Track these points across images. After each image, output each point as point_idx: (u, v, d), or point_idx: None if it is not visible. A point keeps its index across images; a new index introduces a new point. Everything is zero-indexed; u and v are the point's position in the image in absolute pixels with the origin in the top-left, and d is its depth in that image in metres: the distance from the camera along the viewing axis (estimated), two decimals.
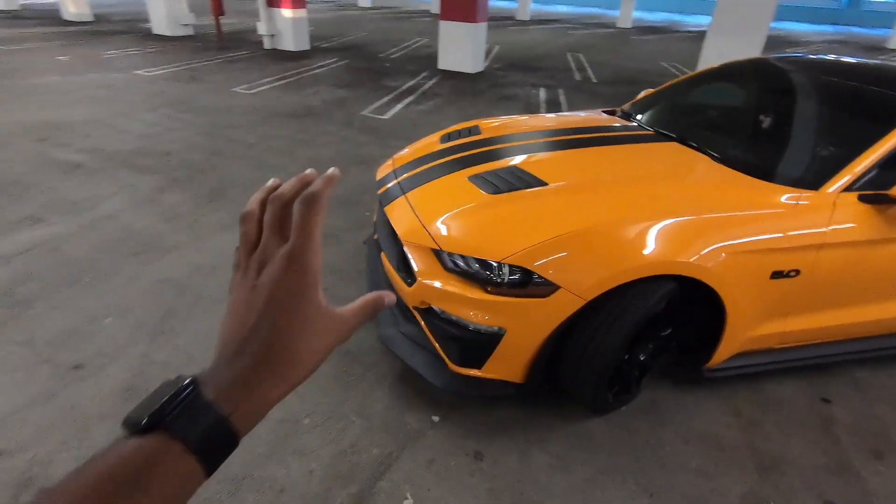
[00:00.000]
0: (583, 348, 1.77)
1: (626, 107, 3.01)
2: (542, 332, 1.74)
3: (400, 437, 1.87)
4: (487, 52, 11.86)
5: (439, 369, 1.91)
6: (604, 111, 2.99)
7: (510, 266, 1.70)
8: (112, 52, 9.47)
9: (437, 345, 1.90)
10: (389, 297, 0.46)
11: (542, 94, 8.07)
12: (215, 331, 0.35)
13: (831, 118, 2.24)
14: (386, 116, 6.26)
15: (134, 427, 0.33)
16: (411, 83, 8.29)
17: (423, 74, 9.01)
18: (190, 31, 12.29)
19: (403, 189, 2.16)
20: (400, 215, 2.02)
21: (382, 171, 2.48)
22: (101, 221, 3.31)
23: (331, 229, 3.32)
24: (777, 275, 1.84)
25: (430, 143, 2.62)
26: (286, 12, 10.56)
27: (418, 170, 2.28)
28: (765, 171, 2.02)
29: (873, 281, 2.02)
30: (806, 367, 2.29)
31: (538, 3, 32.04)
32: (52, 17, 13.69)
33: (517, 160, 2.18)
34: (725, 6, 7.68)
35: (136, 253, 2.96)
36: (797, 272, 1.86)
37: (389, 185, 2.27)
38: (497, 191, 1.95)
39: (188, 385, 0.34)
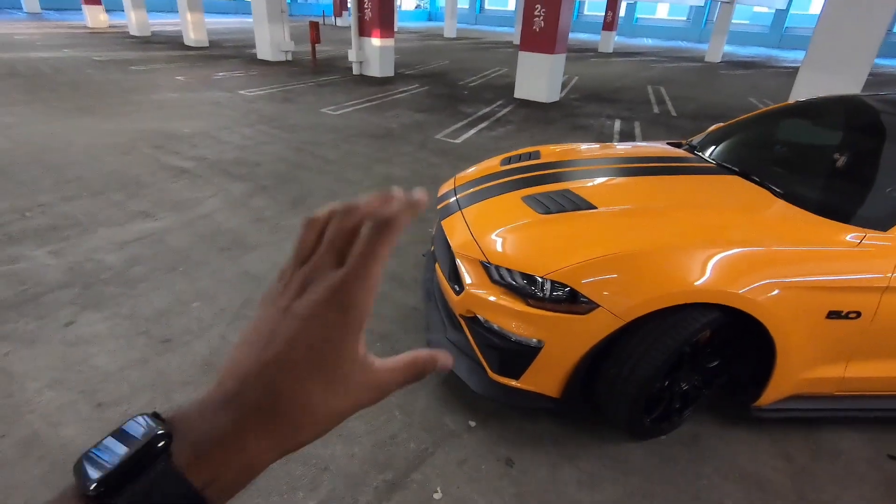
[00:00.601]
0: (619, 369, 1.80)
1: (693, 139, 3.00)
2: (580, 349, 1.80)
3: (437, 435, 1.99)
4: (565, 83, 11.97)
5: (480, 376, 2.01)
6: (669, 143, 3.01)
7: (552, 282, 1.79)
8: (221, 73, 10.58)
9: (479, 352, 2.01)
10: (445, 358, 0.38)
11: (617, 125, 8.03)
12: None
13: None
14: (458, 140, 6.52)
15: (82, 488, 0.25)
16: (486, 110, 8.55)
17: (499, 102, 9.26)
18: (289, 57, 13.44)
19: (461, 205, 2.32)
20: (455, 229, 2.17)
21: (444, 189, 2.65)
22: (198, 219, 3.75)
23: (398, 242, 3.53)
24: (834, 315, 1.79)
25: (491, 164, 2.77)
26: (375, 41, 11.31)
27: (476, 189, 2.43)
28: (829, 208, 1.97)
29: None
30: (870, 420, 2.16)
31: (623, 37, 31.79)
32: (175, 43, 15.51)
33: (571, 184, 2.27)
34: (822, 39, 7.30)
35: (224, 248, 3.33)
36: (858, 314, 1.79)
37: (448, 201, 2.43)
38: (547, 211, 2.05)
39: (159, 445, 0.26)
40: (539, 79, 9.54)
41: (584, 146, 2.95)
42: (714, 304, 1.74)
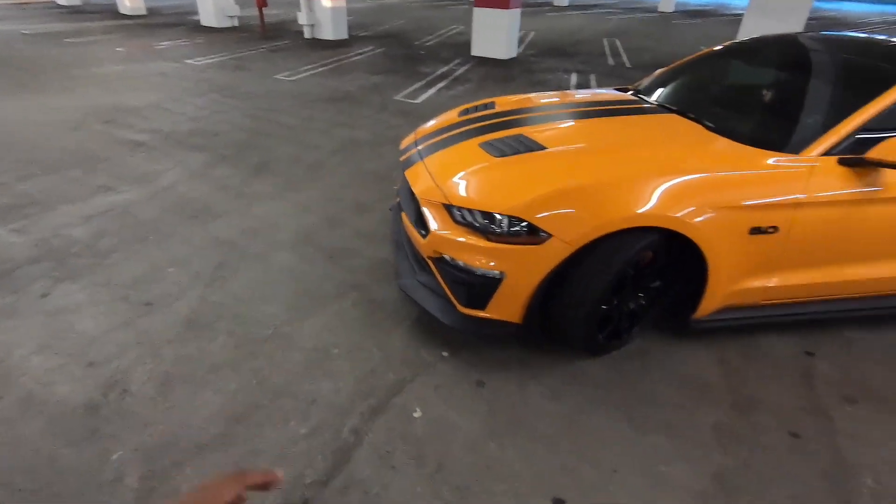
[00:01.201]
0: (571, 292, 2.01)
1: (638, 84, 3.18)
2: (537, 276, 1.99)
3: (413, 366, 2.17)
4: (522, 39, 11.95)
5: (450, 311, 2.19)
6: (616, 88, 3.17)
7: (509, 217, 1.95)
8: (165, 43, 10.12)
9: (447, 289, 2.18)
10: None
11: (574, 78, 8.16)
12: (259, 280, 0.48)
13: (819, 89, 2.37)
14: (418, 101, 6.54)
15: None
16: (444, 69, 8.53)
17: (457, 61, 9.22)
18: (235, 23, 12.89)
19: (422, 155, 2.44)
20: (417, 177, 2.30)
21: (406, 142, 2.76)
22: (162, 191, 3.74)
23: (364, 200, 3.64)
24: (756, 231, 2.02)
25: (450, 117, 2.89)
26: (325, 2, 10.95)
27: (436, 139, 2.55)
28: (753, 138, 2.18)
29: (856, 241, 2.16)
30: (800, 324, 2.46)
31: None
32: (110, 12, 14.61)
33: (524, 129, 2.42)
34: None
35: (191, 217, 3.37)
36: (775, 229, 2.03)
37: (410, 153, 2.55)
38: (503, 154, 2.20)
39: None
40: (496, 35, 9.51)
41: (536, 95, 3.09)
42: (652, 227, 1.94)
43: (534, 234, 1.94)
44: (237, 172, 4.13)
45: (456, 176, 2.17)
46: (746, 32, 7.87)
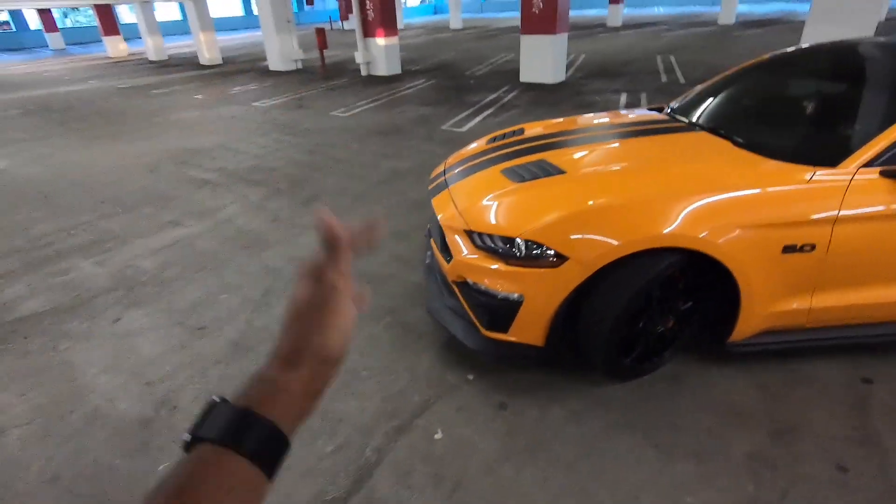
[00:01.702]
0: (591, 315, 2.00)
1: (672, 102, 3.14)
2: (556, 299, 2.00)
3: (438, 388, 2.22)
4: (572, 62, 11.98)
5: (473, 334, 2.23)
6: (650, 108, 3.15)
7: (526, 241, 1.99)
8: (236, 88, 11.03)
9: (471, 313, 2.23)
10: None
11: (623, 98, 8.07)
12: None
13: (859, 99, 2.24)
14: (463, 129, 6.72)
15: (183, 445, 0.39)
16: (491, 97, 8.71)
17: (504, 88, 9.39)
18: (300, 66, 13.85)
19: (448, 183, 2.54)
20: (442, 205, 2.39)
21: (436, 171, 2.88)
22: (222, 224, 4.08)
23: (404, 228, 3.79)
24: (790, 249, 1.93)
25: (480, 145, 2.98)
26: (380, 41, 11.56)
27: (463, 167, 2.65)
28: (785, 152, 2.10)
29: None
30: (859, 348, 2.28)
31: (633, 7, 31.13)
32: (191, 63, 16.14)
33: (546, 154, 2.46)
34: None
35: (245, 247, 3.64)
36: (812, 247, 1.93)
37: (438, 181, 2.66)
38: (522, 179, 2.25)
39: (220, 401, 0.40)
40: (543, 60, 9.61)
41: (565, 119, 3.12)
42: (674, 248, 1.91)
43: (551, 258, 1.96)
44: (289, 204, 4.42)
45: (477, 203, 2.25)
46: (808, 41, 7.47)
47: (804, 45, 2.93)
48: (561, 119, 3.17)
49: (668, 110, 3.02)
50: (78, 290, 3.16)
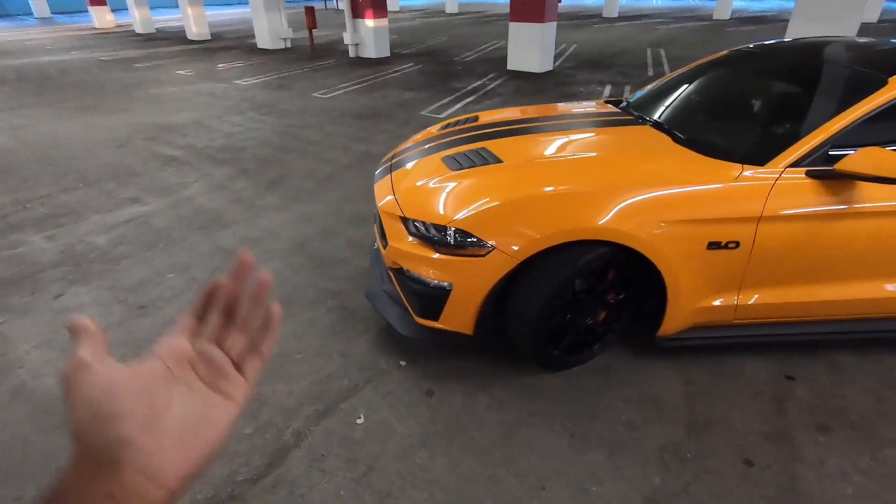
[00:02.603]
0: (517, 304, 2.01)
1: (630, 95, 3.12)
2: (483, 288, 2.00)
3: (369, 373, 2.23)
4: (563, 51, 11.89)
5: (407, 321, 2.24)
6: (607, 101, 3.13)
7: (455, 230, 1.99)
8: (221, 65, 10.85)
9: (405, 299, 2.23)
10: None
11: (607, 90, 8.03)
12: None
13: (795, 99, 2.25)
14: (442, 115, 6.66)
15: None
16: (476, 84, 8.63)
17: (491, 76, 9.31)
18: (288, 45, 13.62)
19: (392, 169, 2.52)
20: (382, 190, 2.38)
21: (387, 157, 2.85)
22: (182, 202, 4.04)
23: (364, 212, 3.77)
24: (714, 245, 1.94)
25: (431, 130, 2.96)
26: (369, 22, 11.39)
27: (409, 153, 2.63)
28: (719, 149, 2.10)
29: (831, 259, 2.02)
30: (787, 346, 2.32)
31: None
32: (178, 38, 15.83)
33: (488, 143, 2.44)
34: None
35: (202, 227, 3.61)
36: (736, 244, 1.94)
37: (384, 166, 2.64)
38: (459, 167, 2.24)
39: None
40: (530, 49, 9.53)
41: (521, 108, 3.10)
42: (600, 241, 1.92)
43: (478, 246, 1.96)
44: (253, 185, 4.38)
45: (413, 189, 2.24)
46: (793, 37, 7.46)
47: (760, 42, 2.92)
48: (517, 108, 3.15)
49: (625, 103, 3.01)
50: (24, 265, 3.12)
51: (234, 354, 0.42)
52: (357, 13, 11.50)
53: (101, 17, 19.32)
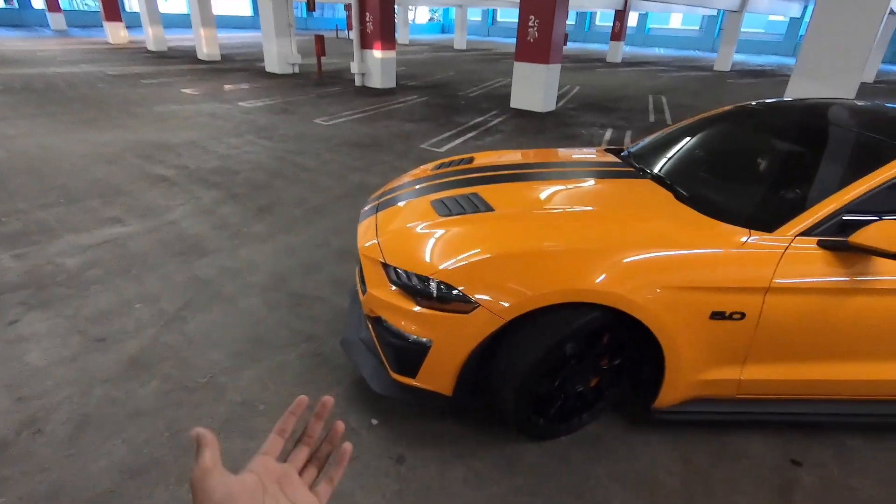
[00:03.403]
0: (500, 368, 1.84)
1: (632, 145, 3.02)
2: (465, 348, 1.83)
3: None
4: (566, 93, 12.02)
5: (382, 376, 2.06)
6: (607, 149, 3.03)
7: (438, 282, 1.83)
8: (228, 86, 10.90)
9: (381, 351, 2.06)
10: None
11: (608, 134, 8.03)
12: (218, 323, 0.46)
13: (807, 163, 2.13)
14: (442, 150, 6.60)
15: None
16: (479, 119, 8.64)
17: (493, 112, 9.35)
18: (296, 70, 13.77)
19: (378, 209, 2.38)
20: (365, 231, 2.23)
21: (375, 194, 2.72)
22: (164, 226, 3.88)
23: (351, 247, 3.62)
24: (718, 315, 1.79)
25: (425, 169, 2.84)
26: (376, 53, 11.53)
27: (398, 193, 2.49)
28: (724, 211, 1.97)
29: (843, 335, 1.87)
30: (794, 426, 2.14)
31: (634, 46, 31.70)
32: (189, 57, 16.02)
33: (481, 188, 2.31)
34: (811, 47, 7.19)
35: (180, 253, 3.45)
36: (742, 315, 1.79)
37: (371, 205, 2.50)
38: (448, 214, 2.10)
39: None
40: (534, 88, 9.60)
41: (518, 153, 2.99)
42: (594, 304, 1.76)
43: (462, 302, 1.80)
44: (241, 211, 4.24)
45: (397, 233, 2.09)
46: (793, 94, 7.50)
47: (767, 100, 2.83)
48: (514, 151, 3.04)
49: (625, 152, 2.90)
50: None
51: (308, 480, 0.53)
52: (365, 44, 11.65)
53: (116, 33, 19.61)
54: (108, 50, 17.49)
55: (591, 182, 2.45)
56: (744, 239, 1.82)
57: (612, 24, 21.54)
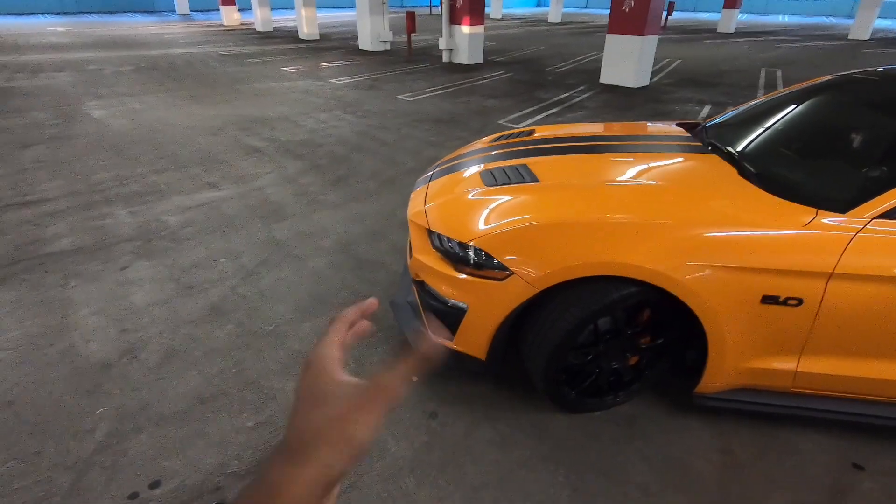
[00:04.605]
0: (532, 337, 1.86)
1: (709, 120, 2.82)
2: (499, 314, 1.87)
3: None
4: (663, 67, 11.24)
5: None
6: (680, 123, 2.85)
7: (475, 248, 1.88)
8: (323, 64, 11.46)
9: (422, 314, 2.16)
10: (428, 350, 0.45)
11: (705, 111, 7.44)
12: (287, 280, 0.45)
13: (891, 137, 1.87)
14: (520, 126, 6.51)
15: None
16: (563, 95, 8.38)
17: (580, 88, 9.00)
18: (388, 47, 14.11)
19: (432, 178, 2.46)
20: (416, 200, 2.33)
21: (433, 165, 2.80)
22: (252, 191, 4.26)
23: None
24: (770, 300, 1.67)
25: (484, 141, 2.86)
26: (464, 28, 11.48)
27: (453, 163, 2.55)
28: (792, 189, 1.81)
29: None
30: (849, 426, 1.96)
31: (754, 14, 28.55)
32: (291, 37, 16.97)
33: (531, 160, 2.30)
34: None
35: (262, 216, 3.78)
36: (799, 301, 1.66)
37: (427, 175, 2.58)
38: (493, 183, 2.13)
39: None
40: (626, 62, 9.09)
41: (581, 126, 2.91)
42: (630, 279, 1.72)
43: (497, 269, 1.84)
44: (320, 181, 4.53)
45: (443, 201, 2.16)
46: None
47: (861, 70, 2.50)
48: (579, 125, 2.96)
49: (700, 127, 2.72)
50: (105, 235, 3.44)
51: None
52: (454, 19, 11.64)
53: (230, 16, 21.21)
54: (223, 32, 19.00)
55: (648, 156, 2.34)
56: (809, 219, 1.67)
57: None
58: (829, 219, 1.66)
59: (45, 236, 3.43)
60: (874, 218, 1.63)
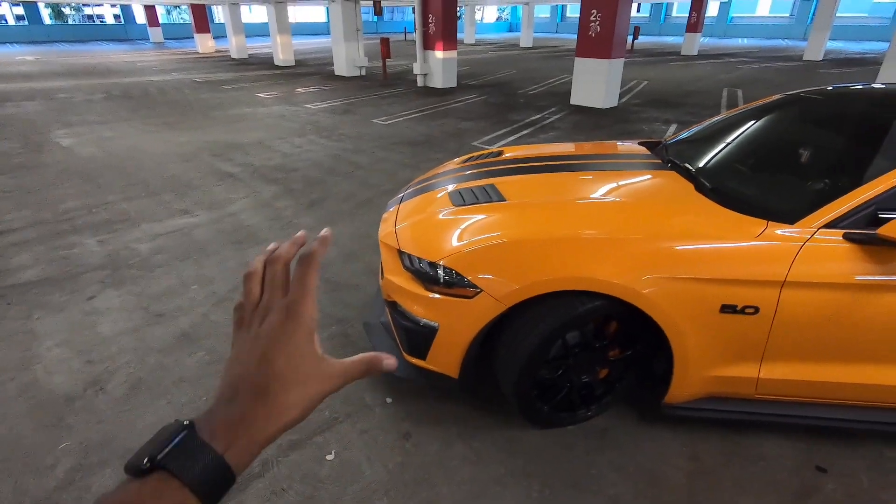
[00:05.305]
0: (502, 354, 1.88)
1: (668, 138, 2.94)
2: (469, 332, 1.90)
3: (352, 408, 2.17)
4: (631, 88, 11.62)
5: (396, 357, 2.17)
6: (641, 142, 2.96)
7: (444, 267, 1.91)
8: (298, 89, 11.55)
9: (395, 334, 2.17)
10: (389, 360, 0.46)
11: (671, 130, 7.70)
12: None
13: (839, 151, 1.99)
14: (493, 147, 6.63)
15: (135, 470, 0.36)
16: (536, 117, 8.58)
17: (552, 109, 9.23)
18: (363, 72, 14.30)
19: (402, 199, 2.50)
20: (387, 221, 2.35)
21: (405, 187, 2.84)
22: (225, 217, 4.24)
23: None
24: (728, 309, 1.73)
25: (453, 162, 2.92)
26: (438, 54, 11.74)
27: (425, 184, 2.60)
28: (744, 202, 1.90)
29: (872, 333, 1.74)
30: (815, 432, 2.02)
31: (715, 38, 29.87)
32: (267, 63, 17.08)
33: (498, 179, 2.36)
34: None
35: (236, 242, 3.76)
36: (755, 309, 1.72)
37: (398, 196, 2.62)
38: (462, 203, 2.17)
39: (183, 428, 0.37)
40: (595, 84, 9.37)
41: (548, 146, 3.00)
42: (595, 293, 1.77)
43: (466, 288, 1.87)
44: (295, 205, 4.53)
45: (412, 222, 2.19)
46: (883, 81, 6.82)
47: (810, 88, 2.65)
48: (543, 145, 3.05)
49: (661, 145, 2.82)
50: (72, 265, 3.38)
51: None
52: (428, 45, 11.89)
53: (204, 43, 21.30)
54: (197, 59, 19.03)
55: (611, 174, 2.42)
56: (760, 230, 1.75)
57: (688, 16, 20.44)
58: (779, 230, 1.74)
59: (9, 267, 3.34)
60: (821, 227, 1.71)
